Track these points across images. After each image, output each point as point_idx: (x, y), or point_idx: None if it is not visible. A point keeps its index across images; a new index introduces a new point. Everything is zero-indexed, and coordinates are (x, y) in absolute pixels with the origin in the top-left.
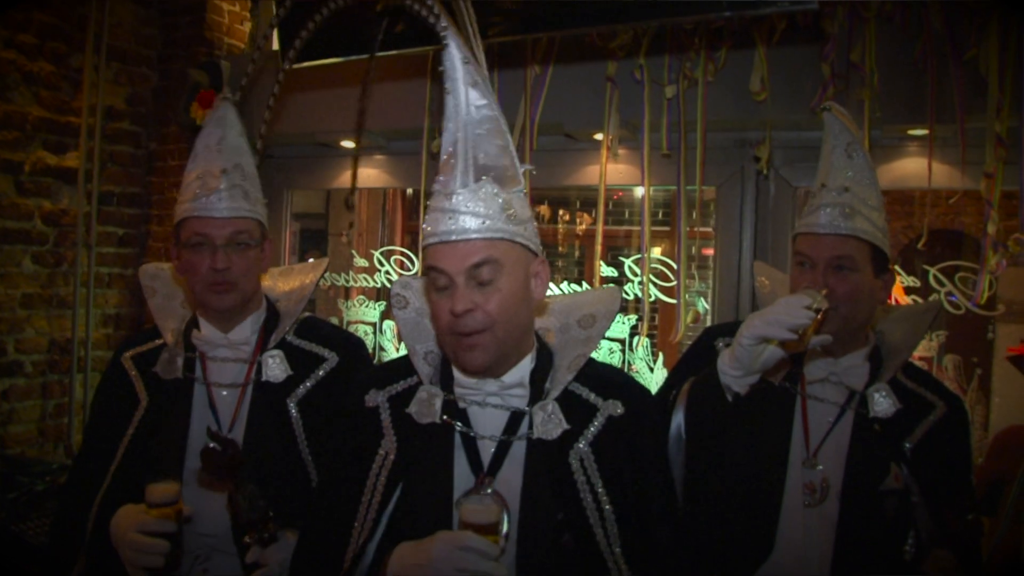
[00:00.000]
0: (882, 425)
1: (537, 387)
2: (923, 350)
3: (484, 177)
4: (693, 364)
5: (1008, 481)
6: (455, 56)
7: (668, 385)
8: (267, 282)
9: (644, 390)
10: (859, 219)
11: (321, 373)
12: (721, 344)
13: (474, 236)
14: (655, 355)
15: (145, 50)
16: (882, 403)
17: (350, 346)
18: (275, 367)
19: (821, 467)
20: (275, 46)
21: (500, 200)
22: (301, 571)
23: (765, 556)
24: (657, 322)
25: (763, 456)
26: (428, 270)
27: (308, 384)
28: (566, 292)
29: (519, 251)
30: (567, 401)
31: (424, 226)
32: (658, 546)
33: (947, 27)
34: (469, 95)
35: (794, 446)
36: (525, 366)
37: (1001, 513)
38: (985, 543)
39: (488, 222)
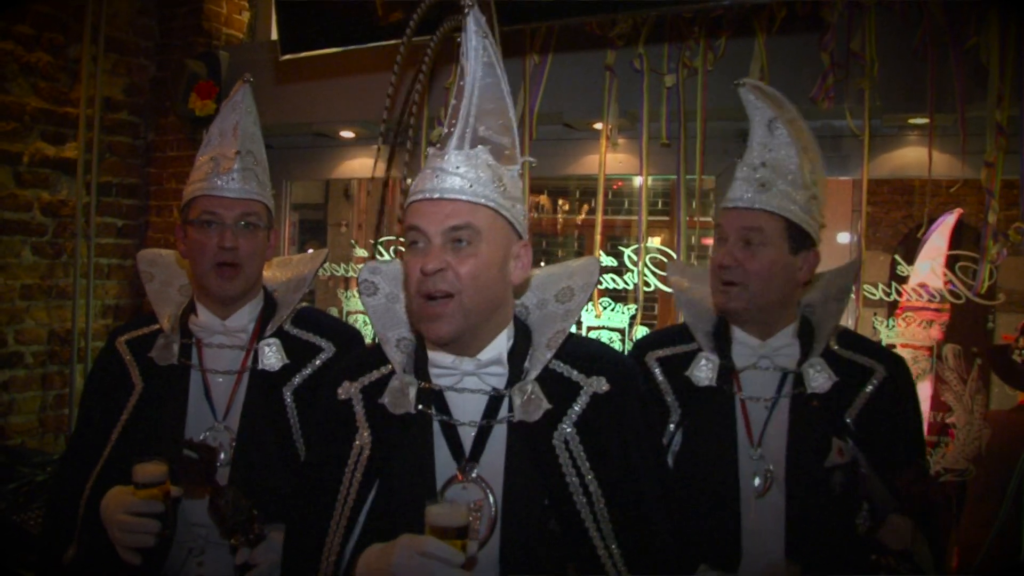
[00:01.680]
0: (820, 400)
1: (516, 366)
2: (923, 340)
3: (480, 146)
4: None
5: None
6: (473, 30)
7: None
8: (266, 272)
9: (629, 363)
10: (773, 193)
11: (318, 363)
12: (654, 360)
13: (459, 197)
14: None
15: (143, 41)
16: (817, 378)
17: (347, 337)
18: (271, 355)
19: (763, 456)
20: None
21: (492, 171)
22: (287, 572)
23: (736, 562)
24: (657, 311)
25: (714, 460)
26: (407, 230)
27: (304, 373)
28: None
29: (502, 225)
30: (548, 380)
31: (411, 184)
32: (650, 523)
33: (947, 15)
34: (481, 69)
35: (740, 442)
36: (501, 343)
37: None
38: (984, 532)
39: (476, 187)
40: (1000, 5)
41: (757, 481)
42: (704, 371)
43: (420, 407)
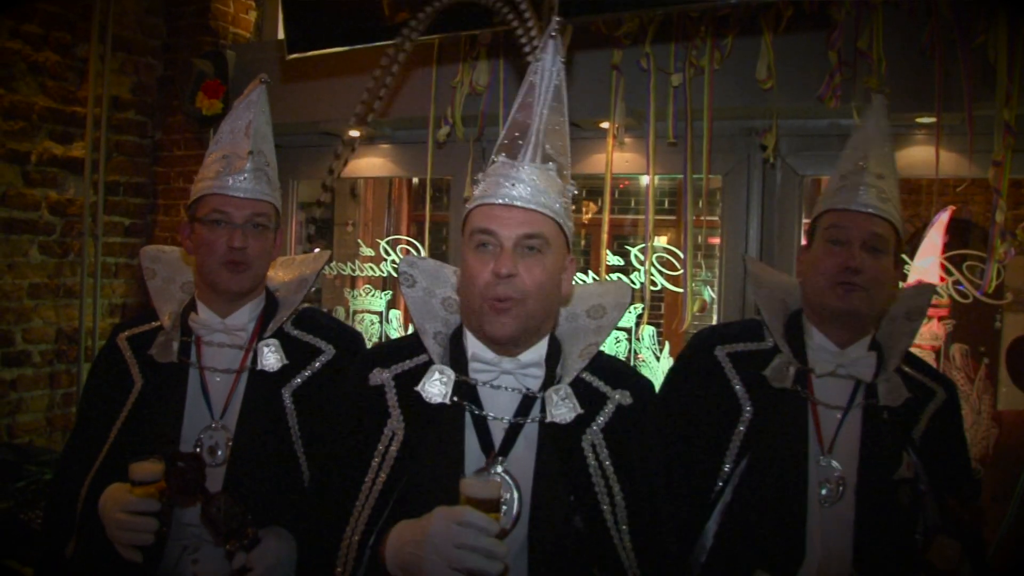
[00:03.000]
0: (891, 414)
1: (550, 371)
2: (931, 339)
3: (551, 162)
4: (695, 381)
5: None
6: (552, 53)
7: (670, 404)
8: (268, 271)
9: (650, 383)
10: (891, 205)
11: (318, 365)
12: (724, 355)
13: (533, 207)
14: (661, 344)
15: (150, 40)
16: (892, 392)
17: (348, 339)
18: (270, 356)
19: (836, 463)
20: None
21: (559, 186)
22: (303, 557)
23: (799, 563)
24: (663, 311)
25: (784, 463)
26: (474, 232)
27: (304, 375)
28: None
29: (562, 239)
30: (578, 388)
31: (476, 190)
32: (662, 535)
33: (955, 14)
34: (552, 92)
35: (811, 448)
36: (542, 347)
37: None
38: (992, 532)
39: (546, 199)
40: (1008, 3)
41: (826, 489)
42: (783, 372)
43: (455, 399)
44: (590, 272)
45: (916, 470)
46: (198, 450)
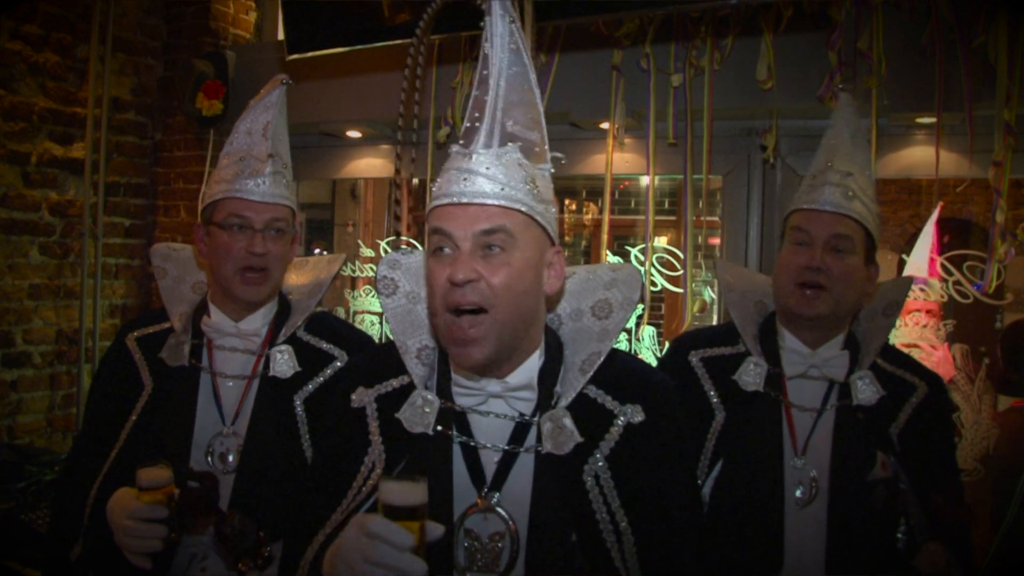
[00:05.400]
0: (865, 413)
1: (546, 389)
2: (933, 339)
3: (510, 144)
4: None
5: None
6: (500, 13)
7: None
8: None
9: (667, 387)
10: (858, 203)
11: (330, 372)
12: (697, 359)
13: (490, 201)
14: (661, 344)
15: (150, 40)
16: (865, 390)
17: (361, 346)
18: (283, 362)
19: (807, 464)
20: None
21: (524, 171)
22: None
23: (779, 566)
24: (663, 311)
25: (759, 467)
26: (431, 233)
27: (317, 382)
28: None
29: (536, 231)
30: (580, 407)
31: (433, 187)
32: (679, 565)
33: (955, 14)
34: (508, 57)
35: (786, 450)
36: (532, 365)
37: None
38: (992, 533)
39: (508, 189)
40: (1008, 3)
41: (799, 491)
42: (752, 376)
43: (439, 428)
44: None
45: (894, 469)
46: (209, 460)
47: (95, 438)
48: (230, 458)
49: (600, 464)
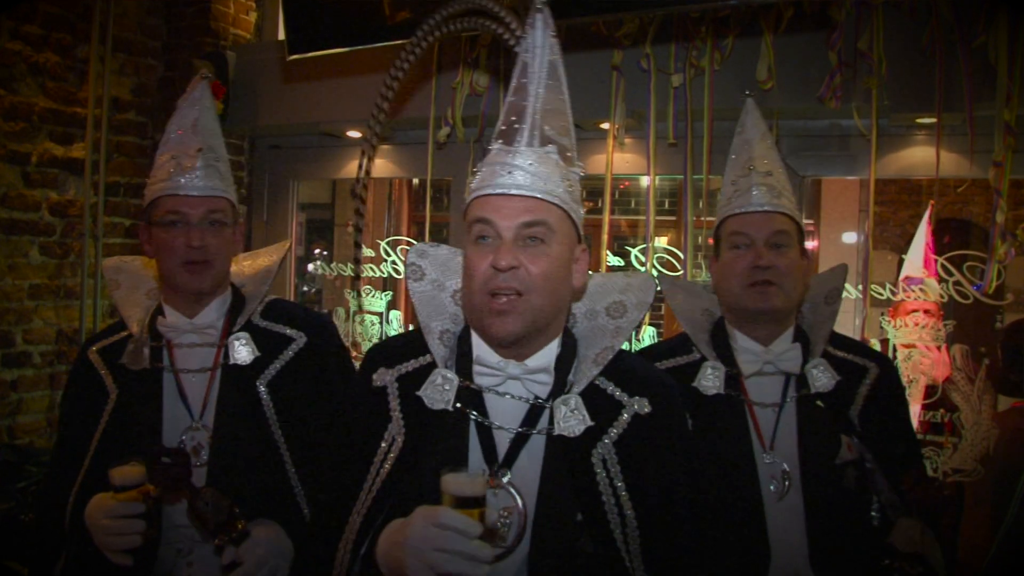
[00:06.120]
0: (824, 399)
1: (561, 377)
2: (928, 339)
3: (550, 145)
4: None
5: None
6: (541, 27)
7: None
8: (233, 267)
9: (672, 385)
10: (785, 200)
11: (290, 354)
12: None
13: (532, 194)
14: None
15: (150, 40)
16: (821, 378)
17: (318, 326)
18: (242, 349)
19: (777, 459)
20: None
21: (560, 171)
22: (305, 555)
23: (766, 565)
24: (663, 312)
25: (732, 468)
26: (473, 222)
27: (277, 365)
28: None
29: (569, 227)
30: (591, 396)
31: (472, 182)
32: (679, 551)
33: (955, 14)
34: (546, 68)
35: (756, 447)
36: (551, 351)
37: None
38: (992, 533)
39: (548, 185)
40: (1009, 4)
41: (773, 485)
42: (711, 379)
43: (458, 405)
44: (590, 273)
45: (859, 449)
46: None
47: (68, 452)
48: (203, 451)
49: (608, 449)
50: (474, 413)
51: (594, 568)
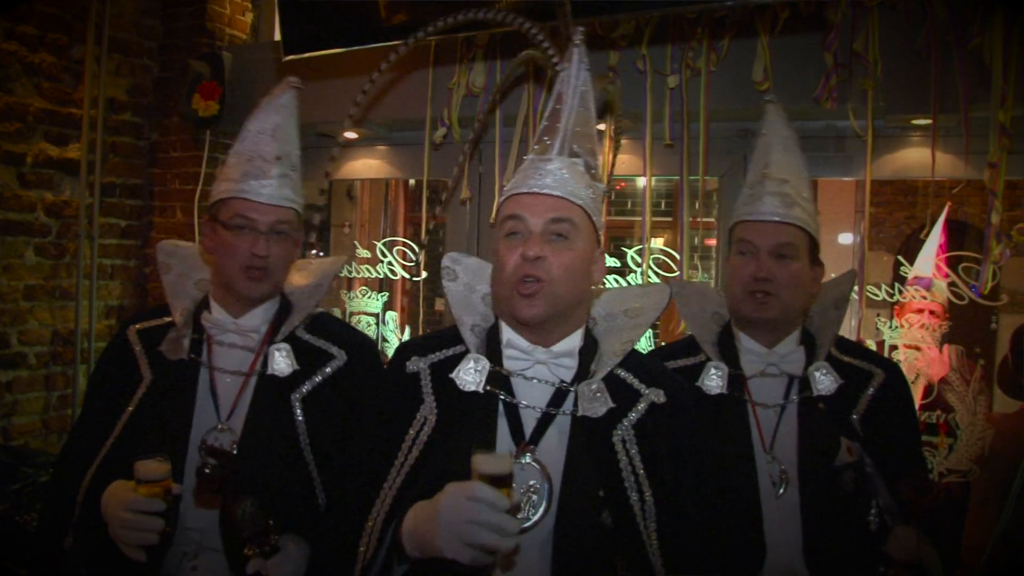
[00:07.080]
0: (826, 402)
1: (584, 364)
2: (930, 340)
3: (578, 158)
4: None
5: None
6: (577, 63)
7: None
8: None
9: (685, 384)
10: (797, 209)
11: (328, 371)
12: None
13: (560, 193)
14: (658, 346)
15: (146, 41)
16: (824, 381)
17: (360, 345)
18: (281, 360)
19: (776, 459)
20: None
21: (585, 180)
22: (324, 536)
23: (761, 561)
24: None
25: (732, 466)
26: (505, 219)
27: (315, 381)
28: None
29: (591, 228)
30: (612, 383)
31: (507, 185)
32: (689, 534)
33: (951, 15)
34: (579, 98)
35: (756, 447)
36: (576, 339)
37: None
38: (988, 534)
39: (575, 188)
40: (1004, 5)
41: (772, 484)
42: (715, 380)
43: (488, 388)
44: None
45: (859, 453)
46: (201, 453)
47: (91, 428)
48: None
49: (628, 431)
50: (503, 394)
51: (614, 541)
